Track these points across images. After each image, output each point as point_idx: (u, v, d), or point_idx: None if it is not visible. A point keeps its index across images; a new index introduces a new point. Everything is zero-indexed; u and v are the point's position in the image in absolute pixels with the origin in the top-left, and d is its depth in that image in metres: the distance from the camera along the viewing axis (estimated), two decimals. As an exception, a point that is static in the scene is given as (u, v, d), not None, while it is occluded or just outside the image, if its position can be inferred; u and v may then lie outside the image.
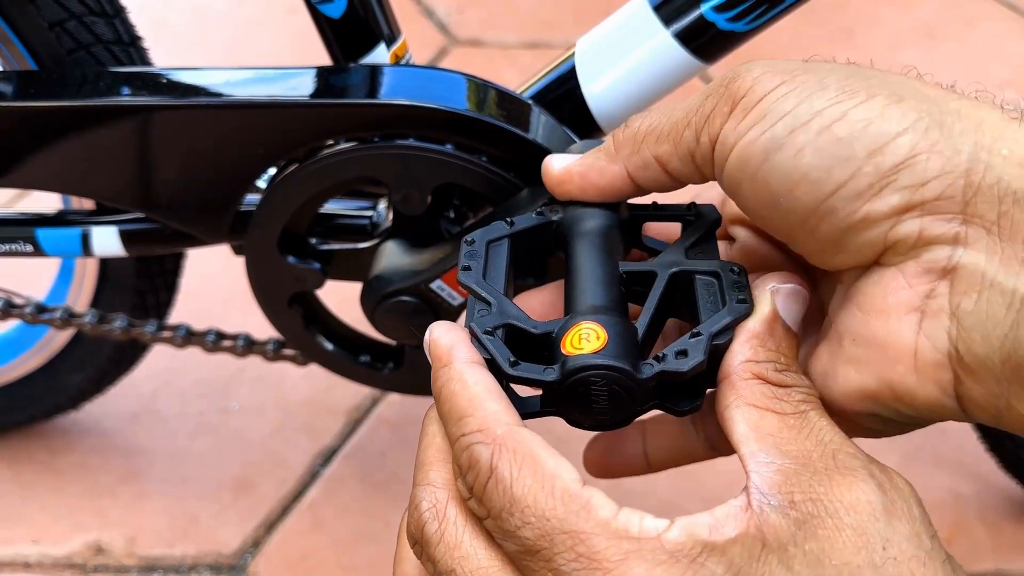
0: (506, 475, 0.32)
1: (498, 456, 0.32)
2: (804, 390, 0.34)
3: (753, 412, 0.33)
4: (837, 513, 0.31)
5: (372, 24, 0.57)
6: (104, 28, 0.62)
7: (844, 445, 0.33)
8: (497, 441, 0.33)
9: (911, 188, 0.32)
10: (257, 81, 0.57)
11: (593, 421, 0.36)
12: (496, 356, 0.36)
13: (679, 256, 0.40)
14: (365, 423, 0.96)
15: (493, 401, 0.34)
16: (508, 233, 0.42)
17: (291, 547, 0.86)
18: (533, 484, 0.32)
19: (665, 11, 0.53)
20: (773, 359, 0.35)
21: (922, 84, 0.36)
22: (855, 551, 0.30)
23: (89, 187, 0.61)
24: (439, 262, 0.55)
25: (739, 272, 0.38)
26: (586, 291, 0.39)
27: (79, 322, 0.72)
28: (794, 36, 1.49)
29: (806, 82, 0.35)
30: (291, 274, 0.60)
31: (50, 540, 0.86)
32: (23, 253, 0.65)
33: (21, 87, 0.58)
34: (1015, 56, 1.46)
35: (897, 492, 0.32)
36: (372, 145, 0.54)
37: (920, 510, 0.32)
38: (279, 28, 1.48)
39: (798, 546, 0.30)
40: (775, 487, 0.31)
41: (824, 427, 0.33)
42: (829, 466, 0.32)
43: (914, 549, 0.31)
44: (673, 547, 0.30)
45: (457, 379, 0.35)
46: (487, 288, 0.39)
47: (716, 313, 0.36)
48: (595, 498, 0.32)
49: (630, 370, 0.34)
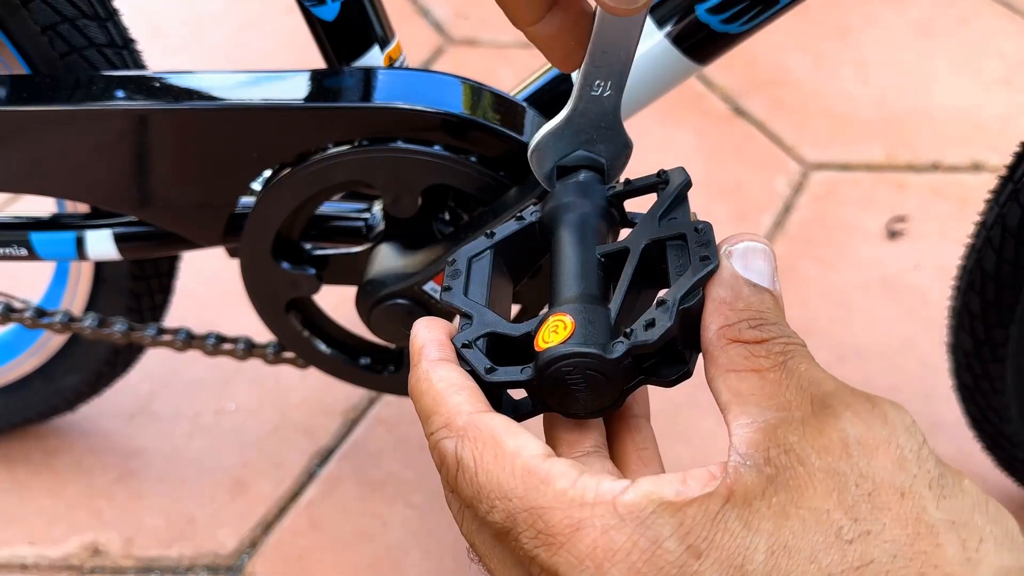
0: (470, 464, 0.33)
1: (461, 447, 0.33)
2: (783, 340, 0.33)
3: (732, 377, 0.33)
4: (808, 459, 0.30)
5: (366, 27, 0.57)
6: (97, 31, 0.62)
7: (825, 385, 0.32)
8: (459, 432, 0.33)
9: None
10: (251, 84, 0.57)
11: (584, 408, 0.37)
12: (475, 367, 0.37)
13: (652, 226, 0.39)
14: (362, 423, 0.96)
15: (456, 394, 0.35)
16: (489, 245, 0.43)
17: (288, 547, 0.86)
18: (495, 468, 0.32)
19: (659, 13, 0.53)
20: (746, 317, 0.34)
21: None
22: (825, 495, 0.29)
23: (83, 191, 0.61)
24: (431, 264, 0.55)
25: (702, 230, 0.37)
26: (562, 284, 0.39)
27: (78, 326, 0.72)
28: (789, 35, 1.49)
29: None
30: (286, 280, 0.60)
31: (47, 541, 0.86)
32: (17, 257, 0.65)
33: (14, 91, 0.58)
34: (1009, 54, 1.46)
35: (880, 421, 0.31)
36: (362, 148, 0.54)
37: (908, 436, 0.30)
38: (273, 31, 1.48)
39: (765, 499, 0.30)
40: (753, 445, 0.31)
41: (804, 372, 0.32)
42: (807, 413, 0.31)
43: (894, 479, 0.29)
44: (625, 509, 0.30)
45: (424, 378, 0.36)
46: (466, 303, 0.40)
47: (681, 277, 0.36)
48: (555, 469, 0.32)
49: (597, 352, 0.35)
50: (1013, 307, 0.67)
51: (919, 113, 1.35)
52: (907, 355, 1.03)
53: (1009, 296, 0.67)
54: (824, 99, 1.38)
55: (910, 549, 0.28)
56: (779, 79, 1.41)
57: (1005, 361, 0.71)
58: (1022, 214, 0.64)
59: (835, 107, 1.36)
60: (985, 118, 1.35)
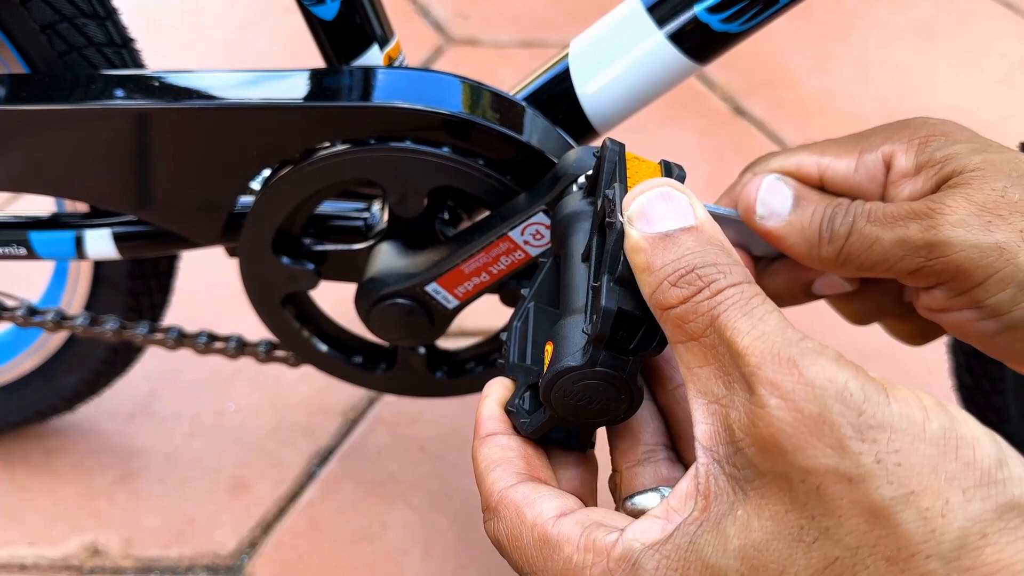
0: (505, 542, 0.35)
1: (496, 528, 0.36)
2: (707, 291, 0.31)
3: (680, 350, 0.32)
4: (755, 461, 0.29)
5: (365, 26, 0.57)
6: (96, 30, 0.62)
7: (749, 354, 0.29)
8: (494, 513, 0.36)
9: None
10: (250, 83, 0.57)
11: (611, 413, 0.36)
12: (516, 425, 0.38)
13: (592, 211, 0.38)
14: (361, 423, 0.96)
15: (491, 472, 0.37)
16: (526, 303, 0.43)
17: (288, 548, 0.86)
18: (521, 544, 0.35)
19: (659, 12, 0.53)
20: (665, 276, 0.31)
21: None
22: (780, 496, 0.29)
23: (82, 190, 0.61)
24: (434, 265, 0.55)
25: (610, 197, 0.35)
26: (565, 303, 0.39)
27: (71, 325, 0.72)
28: (789, 35, 1.49)
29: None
30: (284, 275, 0.60)
31: (46, 542, 0.86)
32: (16, 256, 0.65)
33: (13, 90, 0.58)
34: (1010, 54, 1.46)
35: (807, 395, 0.28)
36: (370, 147, 0.54)
37: (842, 405, 0.27)
38: (272, 30, 1.48)
39: (732, 514, 0.30)
40: (712, 437, 0.31)
41: (730, 334, 0.30)
42: (743, 394, 0.29)
43: (838, 466, 0.27)
44: (615, 563, 0.32)
45: (473, 458, 0.39)
46: (511, 369, 0.40)
47: (602, 254, 0.34)
48: (564, 532, 0.33)
49: (569, 364, 0.34)
50: (1013, 307, 0.67)
51: (919, 113, 1.35)
52: (907, 355, 1.03)
53: (1009, 296, 0.67)
54: (824, 99, 1.38)
55: (869, 536, 0.27)
56: (779, 79, 1.41)
57: (1005, 361, 0.71)
58: (1022, 213, 0.64)
59: (835, 107, 1.36)
60: (985, 118, 1.35)
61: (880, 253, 0.43)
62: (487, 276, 0.54)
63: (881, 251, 0.43)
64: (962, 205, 0.41)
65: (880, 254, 0.43)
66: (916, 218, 0.42)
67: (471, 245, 0.53)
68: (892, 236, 0.42)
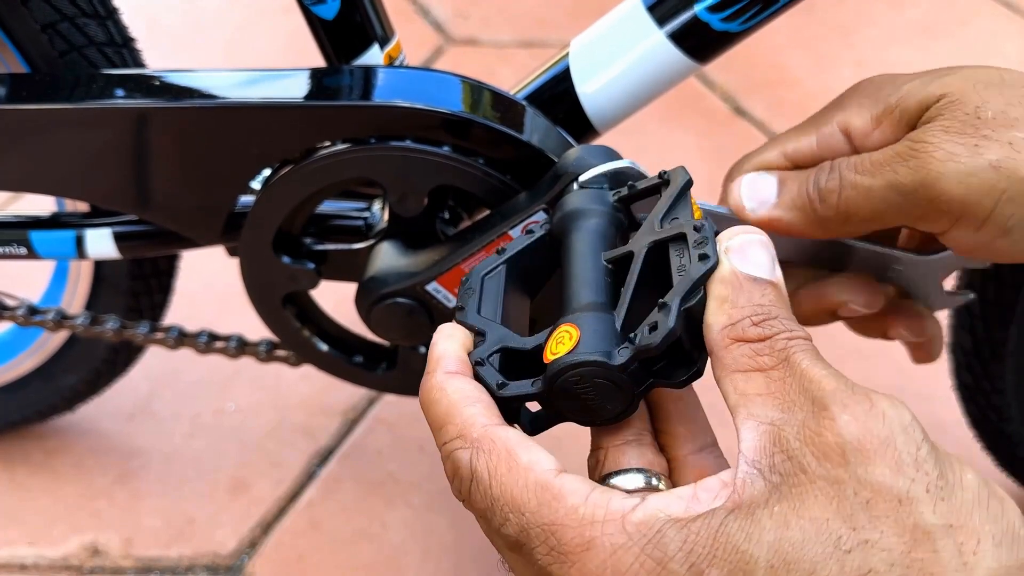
0: (484, 476, 0.33)
1: (475, 458, 0.34)
2: (786, 335, 0.33)
3: (739, 378, 0.33)
4: (809, 466, 0.30)
5: (365, 25, 0.57)
6: (97, 30, 0.62)
7: (825, 384, 0.31)
8: (474, 444, 0.34)
9: None
10: (251, 83, 0.57)
11: (598, 416, 0.37)
12: (488, 383, 0.37)
13: (654, 228, 0.39)
14: (362, 423, 0.96)
15: (471, 406, 0.35)
16: (501, 261, 0.43)
17: (288, 548, 0.86)
18: (508, 480, 0.33)
19: (659, 11, 0.53)
20: (748, 314, 0.33)
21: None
22: (825, 503, 0.29)
23: (82, 190, 0.61)
24: (434, 264, 0.55)
25: (700, 228, 0.37)
26: (571, 293, 0.39)
27: (72, 324, 0.72)
28: (789, 35, 1.49)
29: None
30: (285, 274, 0.60)
31: (46, 542, 0.86)
32: (17, 256, 0.65)
33: (13, 90, 0.58)
34: (1010, 54, 1.46)
35: (877, 422, 0.30)
36: (370, 147, 0.54)
37: (906, 437, 0.30)
38: (272, 30, 1.48)
39: (768, 508, 0.30)
40: (760, 451, 0.31)
41: (806, 369, 0.32)
42: (807, 414, 0.31)
43: (892, 485, 0.29)
44: (633, 527, 0.31)
45: (438, 387, 0.36)
46: (479, 320, 0.40)
47: (682, 277, 0.35)
48: (568, 485, 0.32)
49: (602, 360, 0.35)
50: (1013, 306, 0.67)
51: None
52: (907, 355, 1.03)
53: (1009, 295, 0.67)
54: (824, 99, 1.37)
55: (907, 557, 0.28)
56: (779, 79, 1.41)
57: (1005, 360, 0.71)
58: (1023, 213, 0.64)
59: (835, 107, 1.36)
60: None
61: (880, 201, 0.42)
62: None
63: (880, 199, 0.42)
64: (941, 137, 0.40)
65: (880, 202, 0.42)
66: (901, 160, 0.41)
67: (471, 244, 0.53)
68: (883, 182, 0.42)
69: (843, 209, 0.44)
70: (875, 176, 0.42)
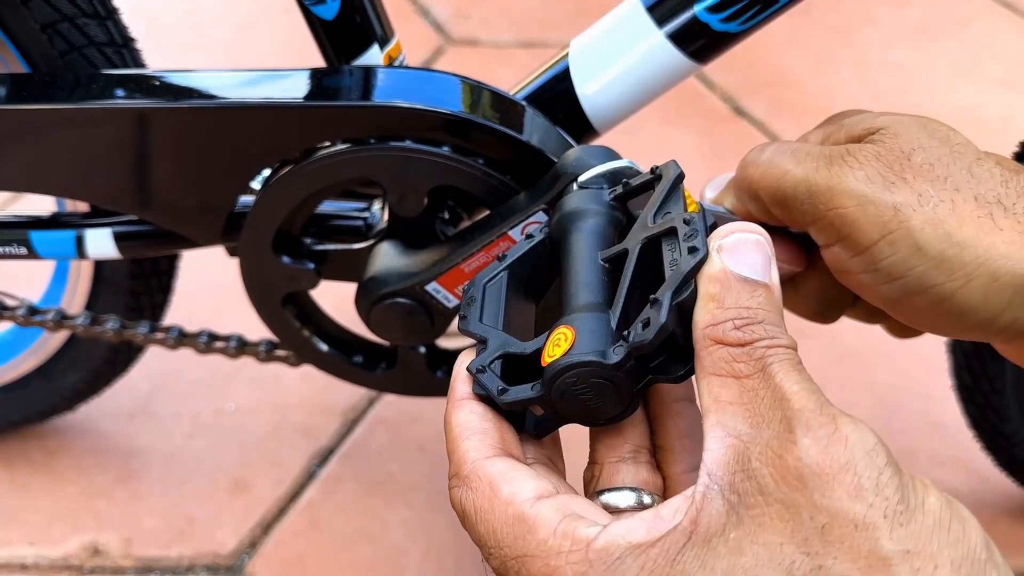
0: (471, 514, 0.34)
1: (464, 496, 0.35)
2: (767, 342, 0.32)
3: (715, 382, 0.32)
4: (767, 488, 0.30)
5: (365, 26, 0.57)
6: (97, 30, 0.62)
7: (795, 402, 0.31)
8: (464, 481, 0.35)
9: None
10: (251, 83, 0.57)
11: (599, 416, 0.37)
12: (489, 390, 0.37)
13: (646, 225, 0.38)
14: (362, 423, 0.96)
15: (466, 440, 0.36)
16: (502, 268, 0.43)
17: (288, 547, 0.86)
18: (490, 517, 0.34)
19: (659, 12, 0.53)
20: (732, 316, 0.33)
21: None
22: (780, 527, 0.29)
23: (82, 190, 0.61)
24: (434, 264, 0.55)
25: (690, 221, 0.36)
26: (569, 295, 0.39)
27: (72, 324, 0.72)
28: (789, 35, 1.49)
29: None
30: (285, 274, 0.60)
31: (46, 541, 0.86)
32: (17, 256, 0.65)
33: (13, 90, 0.58)
34: (1009, 54, 1.47)
35: (840, 446, 0.29)
36: (369, 147, 0.54)
37: (867, 461, 0.29)
38: (272, 30, 1.48)
39: (723, 535, 0.30)
40: (723, 465, 0.31)
41: (780, 383, 0.31)
42: (774, 433, 0.30)
43: (849, 510, 0.29)
44: (595, 555, 0.31)
45: (447, 421, 0.38)
46: (481, 328, 0.40)
47: (673, 272, 0.35)
48: (541, 515, 0.33)
49: (595, 359, 0.35)
50: (1013, 306, 0.67)
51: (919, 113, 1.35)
52: (907, 355, 1.03)
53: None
54: (824, 99, 1.38)
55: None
56: (779, 79, 1.42)
57: (1004, 360, 0.71)
58: (1022, 213, 0.64)
59: (835, 107, 1.36)
60: (985, 119, 1.35)
61: (789, 188, 0.43)
62: None
63: (790, 186, 0.42)
64: (870, 161, 0.41)
65: (789, 189, 0.43)
66: (825, 162, 0.42)
67: (471, 244, 0.53)
68: (800, 173, 0.42)
69: (759, 178, 0.44)
70: (797, 164, 0.43)
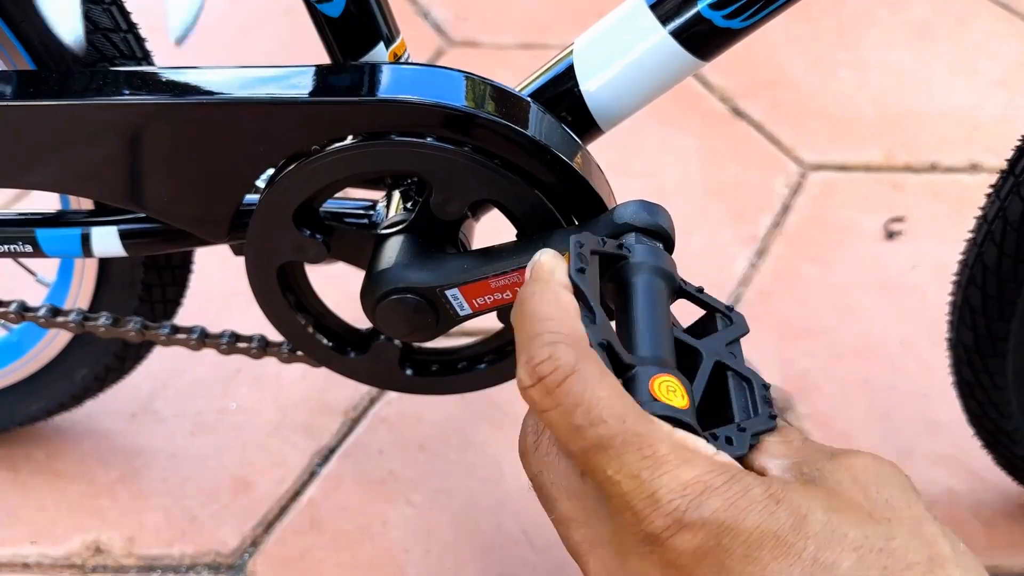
0: (590, 376, 0.36)
1: (582, 361, 0.36)
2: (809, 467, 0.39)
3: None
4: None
5: (371, 23, 0.57)
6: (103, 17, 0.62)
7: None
8: (583, 351, 0.37)
9: None
10: (257, 80, 0.57)
11: None
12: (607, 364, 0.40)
13: (720, 348, 0.44)
14: (363, 422, 0.97)
15: (580, 323, 0.39)
16: (599, 250, 0.45)
17: (289, 546, 0.86)
18: (611, 392, 0.36)
19: (662, 9, 0.54)
20: (799, 460, 0.40)
21: None
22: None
23: (88, 187, 0.61)
24: (462, 271, 0.55)
25: (767, 387, 0.43)
26: (643, 334, 0.42)
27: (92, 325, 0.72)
28: (788, 36, 1.50)
29: None
30: (294, 242, 0.59)
31: (49, 540, 0.86)
32: (23, 254, 0.65)
33: (20, 87, 0.58)
34: (1008, 56, 1.47)
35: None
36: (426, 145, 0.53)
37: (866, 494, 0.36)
38: (273, 31, 1.48)
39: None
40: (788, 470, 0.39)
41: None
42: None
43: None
44: (722, 465, 0.36)
45: (553, 292, 0.40)
46: (594, 299, 0.42)
47: (752, 417, 0.42)
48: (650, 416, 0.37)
49: (725, 447, 0.40)
50: (1014, 301, 0.68)
51: (917, 114, 1.36)
52: (906, 354, 1.04)
53: (1010, 290, 0.67)
54: (822, 100, 1.38)
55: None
56: (778, 80, 1.42)
57: (1006, 356, 0.71)
58: (1023, 208, 0.64)
59: (833, 108, 1.37)
60: (983, 119, 1.35)
61: None
62: (509, 295, 0.54)
63: None
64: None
65: None
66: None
67: (507, 262, 0.53)
68: None
69: None
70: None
